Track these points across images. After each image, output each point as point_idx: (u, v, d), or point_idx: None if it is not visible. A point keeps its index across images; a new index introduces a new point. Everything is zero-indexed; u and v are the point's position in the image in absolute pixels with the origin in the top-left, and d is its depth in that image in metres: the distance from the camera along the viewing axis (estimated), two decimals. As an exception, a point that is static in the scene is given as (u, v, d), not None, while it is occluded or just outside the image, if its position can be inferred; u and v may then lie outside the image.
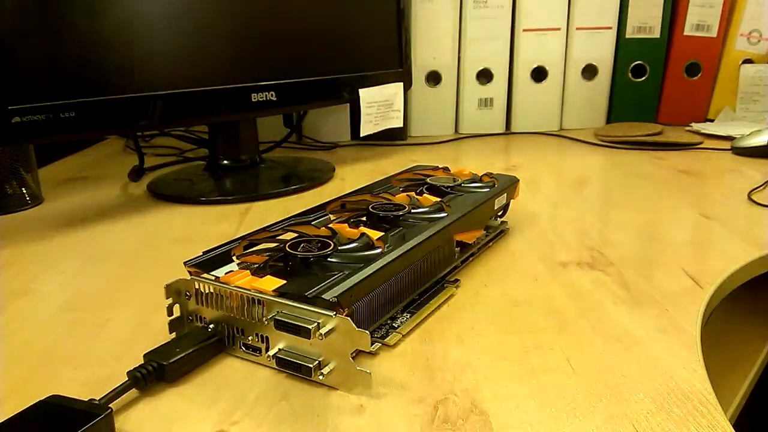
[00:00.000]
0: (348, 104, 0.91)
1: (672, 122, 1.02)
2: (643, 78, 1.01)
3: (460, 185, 0.49)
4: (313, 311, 0.30)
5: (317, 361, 0.30)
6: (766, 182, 0.65)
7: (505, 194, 0.50)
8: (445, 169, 0.55)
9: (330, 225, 0.41)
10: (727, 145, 0.85)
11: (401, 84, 0.81)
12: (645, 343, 0.34)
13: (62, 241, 0.54)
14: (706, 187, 0.67)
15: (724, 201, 0.61)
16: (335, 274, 0.34)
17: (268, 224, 0.41)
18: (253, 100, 0.65)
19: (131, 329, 0.37)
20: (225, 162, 0.74)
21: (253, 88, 0.65)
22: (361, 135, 0.78)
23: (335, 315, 0.30)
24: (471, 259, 0.46)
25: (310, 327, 0.30)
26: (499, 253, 0.48)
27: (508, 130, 1.03)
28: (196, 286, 0.34)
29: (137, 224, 0.58)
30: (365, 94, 0.76)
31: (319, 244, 0.37)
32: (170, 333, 0.35)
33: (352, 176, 0.75)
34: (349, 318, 0.29)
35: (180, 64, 0.60)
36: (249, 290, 0.32)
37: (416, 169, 0.57)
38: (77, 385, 0.31)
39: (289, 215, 0.43)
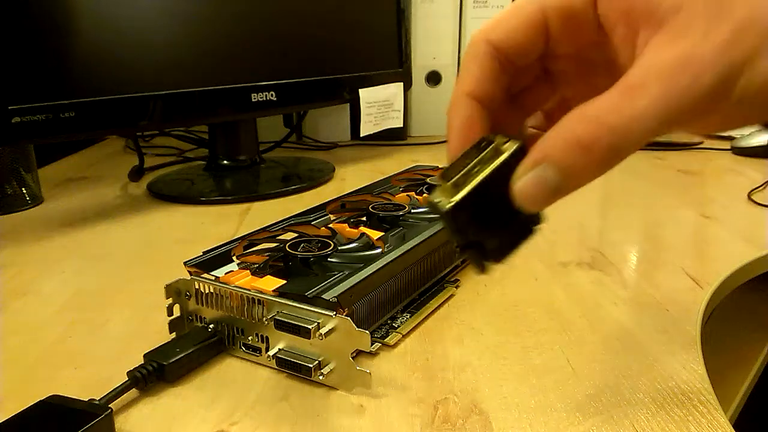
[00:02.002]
0: (348, 104, 0.91)
1: (672, 122, 1.02)
2: (643, 78, 1.01)
3: (460, 185, 0.49)
4: (313, 311, 0.30)
5: (317, 361, 0.30)
6: (766, 182, 0.65)
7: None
8: (445, 169, 0.55)
9: (330, 225, 0.41)
10: (727, 145, 0.85)
11: (401, 84, 0.81)
12: (645, 343, 0.34)
13: (62, 241, 0.54)
14: (706, 187, 0.67)
15: (724, 201, 0.61)
16: (335, 274, 0.34)
17: (268, 224, 0.41)
18: (253, 100, 0.65)
19: (131, 329, 0.37)
20: (225, 162, 0.74)
21: (253, 88, 0.65)
22: (361, 135, 0.78)
23: (335, 315, 0.30)
24: (471, 259, 0.46)
25: (310, 327, 0.30)
26: (499, 253, 0.48)
27: (508, 130, 1.03)
28: (196, 286, 0.34)
29: (137, 224, 0.58)
30: (365, 94, 0.76)
31: (319, 244, 0.37)
32: (170, 333, 0.35)
33: (352, 176, 0.75)
34: (349, 318, 0.29)
35: (180, 64, 0.60)
36: (249, 290, 0.32)
37: (416, 169, 0.57)
38: (77, 385, 0.31)
39: (289, 215, 0.43)
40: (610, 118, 0.20)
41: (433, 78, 0.98)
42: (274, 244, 0.39)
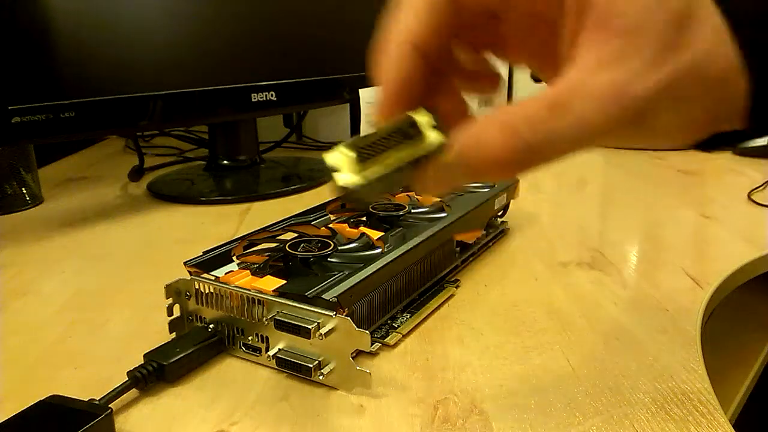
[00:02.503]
0: (348, 104, 0.91)
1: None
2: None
3: (460, 185, 0.49)
4: (313, 311, 0.30)
5: (317, 361, 0.30)
6: (766, 182, 0.65)
7: (505, 194, 0.50)
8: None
9: (330, 225, 0.41)
10: (727, 145, 0.84)
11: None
12: (645, 343, 0.34)
13: (62, 241, 0.54)
14: (706, 187, 0.67)
15: (724, 201, 0.61)
16: (335, 274, 0.34)
17: (268, 224, 0.41)
18: (253, 100, 0.65)
19: (131, 329, 0.37)
20: (225, 162, 0.74)
21: (253, 88, 0.65)
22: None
23: (335, 315, 0.30)
24: (471, 259, 0.46)
25: (310, 327, 0.30)
26: (499, 253, 0.48)
27: (508, 130, 1.03)
28: (196, 286, 0.34)
29: (137, 224, 0.58)
30: (365, 94, 0.76)
31: (319, 244, 0.37)
32: (170, 333, 0.35)
33: (352, 176, 0.75)
34: (349, 318, 0.29)
35: (180, 64, 0.60)
36: (249, 290, 0.32)
37: (416, 169, 0.56)
38: (77, 385, 0.31)
39: (289, 215, 0.43)
40: (527, 133, 0.20)
41: (433, 78, 0.98)
42: (274, 244, 0.39)
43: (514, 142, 0.20)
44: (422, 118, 0.22)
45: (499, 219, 0.53)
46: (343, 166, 0.22)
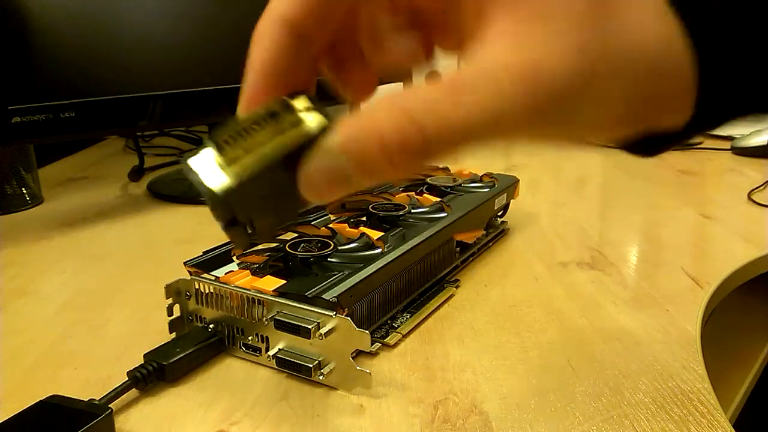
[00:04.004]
0: (348, 104, 0.91)
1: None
2: (643, 78, 1.01)
3: (460, 185, 0.49)
4: (313, 311, 0.30)
5: (317, 361, 0.30)
6: (766, 182, 0.65)
7: (505, 194, 0.50)
8: (445, 169, 0.55)
9: (330, 225, 0.41)
10: (727, 145, 0.84)
11: (401, 84, 0.81)
12: (645, 343, 0.34)
13: (62, 241, 0.54)
14: (706, 187, 0.67)
15: (724, 201, 0.61)
16: (335, 274, 0.34)
17: (268, 224, 0.41)
18: (253, 100, 0.65)
19: (131, 329, 0.37)
20: (225, 162, 0.73)
21: (253, 88, 0.65)
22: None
23: (335, 315, 0.30)
24: (471, 259, 0.46)
25: (310, 327, 0.30)
26: (499, 253, 0.48)
27: (508, 130, 1.03)
28: (196, 286, 0.34)
29: (137, 224, 0.58)
30: (365, 94, 0.76)
31: (319, 244, 0.37)
32: (170, 333, 0.35)
33: (352, 176, 0.75)
34: (349, 318, 0.29)
35: (180, 64, 0.60)
36: (249, 290, 0.32)
37: (416, 169, 0.56)
38: (77, 385, 0.31)
39: (289, 215, 0.43)
40: (424, 119, 0.17)
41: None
42: (274, 244, 0.39)
43: (407, 127, 0.17)
44: (298, 103, 0.18)
45: (499, 219, 0.53)
46: (211, 165, 0.18)
